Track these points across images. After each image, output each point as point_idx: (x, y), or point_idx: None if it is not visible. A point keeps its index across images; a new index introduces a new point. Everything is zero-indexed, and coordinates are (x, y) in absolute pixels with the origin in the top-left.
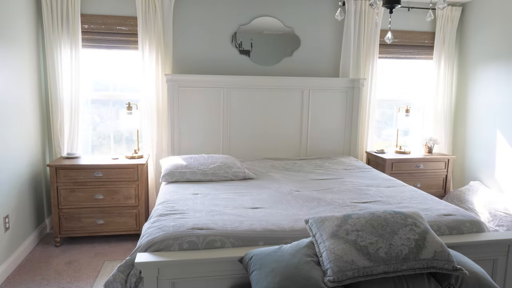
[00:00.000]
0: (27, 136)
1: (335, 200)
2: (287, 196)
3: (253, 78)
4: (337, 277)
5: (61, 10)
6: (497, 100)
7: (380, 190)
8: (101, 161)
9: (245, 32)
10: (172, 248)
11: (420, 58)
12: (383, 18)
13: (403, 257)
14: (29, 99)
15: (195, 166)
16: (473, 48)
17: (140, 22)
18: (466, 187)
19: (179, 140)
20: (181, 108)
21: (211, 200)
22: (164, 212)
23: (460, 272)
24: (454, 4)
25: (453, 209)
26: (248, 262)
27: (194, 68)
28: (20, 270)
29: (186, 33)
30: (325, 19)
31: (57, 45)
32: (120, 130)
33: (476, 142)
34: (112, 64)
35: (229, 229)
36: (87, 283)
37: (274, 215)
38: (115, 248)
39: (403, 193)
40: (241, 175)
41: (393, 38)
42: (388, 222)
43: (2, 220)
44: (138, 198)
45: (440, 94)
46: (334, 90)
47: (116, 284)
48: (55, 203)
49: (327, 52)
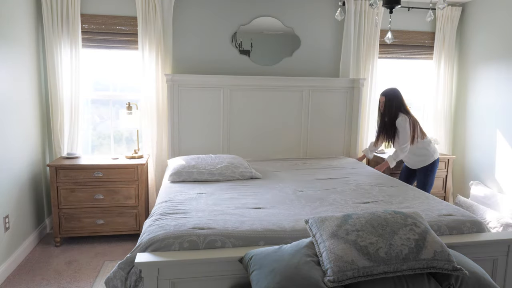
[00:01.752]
0: (27, 136)
1: (337, 200)
2: (290, 196)
3: (253, 78)
4: (337, 277)
5: (61, 10)
6: (497, 100)
7: (383, 190)
8: (101, 161)
9: (245, 32)
10: (172, 247)
11: (420, 58)
12: (383, 18)
13: (403, 257)
14: (29, 99)
15: (202, 166)
16: (473, 48)
17: (140, 22)
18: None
19: (179, 140)
20: (181, 108)
21: (215, 200)
22: (166, 211)
23: (460, 272)
24: (454, 4)
25: (454, 209)
26: (248, 262)
27: (194, 68)
28: (20, 270)
29: (186, 33)
30: (325, 19)
31: (57, 45)
32: (120, 130)
33: (476, 142)
34: (112, 64)
35: (230, 229)
36: (87, 283)
37: (275, 215)
38: (115, 248)
39: (406, 192)
40: (248, 175)
41: (393, 38)
42: (388, 222)
43: (2, 220)
44: (138, 198)
45: (440, 94)
46: (334, 90)
47: (116, 281)
48: (55, 203)
49: (327, 52)
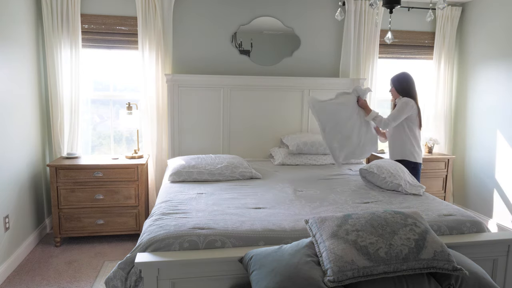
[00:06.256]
0: (27, 136)
1: (337, 200)
2: (290, 196)
3: (253, 78)
4: (337, 277)
5: (61, 10)
6: (497, 100)
7: (383, 190)
8: (101, 161)
9: (245, 32)
10: (172, 247)
11: (420, 58)
12: (383, 18)
13: (403, 257)
14: (29, 99)
15: (202, 166)
16: (473, 48)
17: (140, 22)
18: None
19: (179, 140)
20: (181, 108)
21: (215, 200)
22: (166, 211)
23: (460, 272)
24: (454, 4)
25: (454, 209)
26: (248, 262)
27: (194, 68)
28: (20, 270)
29: (186, 33)
30: (325, 19)
31: (57, 45)
32: (120, 130)
33: (476, 142)
34: (112, 64)
35: (230, 229)
36: (87, 283)
37: (275, 215)
38: (115, 248)
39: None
40: (248, 175)
41: (393, 38)
42: (388, 222)
43: (2, 220)
44: (138, 198)
45: (440, 94)
46: (334, 90)
47: (116, 281)
48: (55, 203)
49: (327, 52)
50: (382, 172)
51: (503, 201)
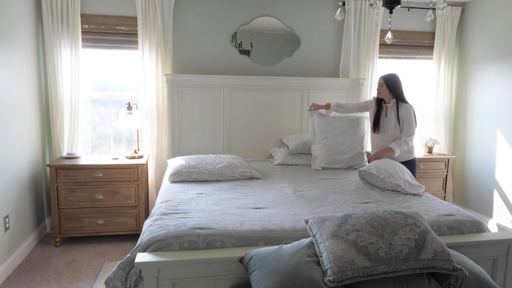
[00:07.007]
0: (27, 136)
1: (337, 200)
2: (290, 196)
3: (253, 78)
4: (337, 277)
5: (61, 10)
6: (497, 100)
7: (383, 190)
8: (101, 161)
9: (245, 32)
10: (172, 247)
11: (420, 58)
12: (383, 18)
13: (403, 257)
14: (29, 99)
15: (202, 166)
16: (473, 48)
17: (140, 22)
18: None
19: (179, 140)
20: (181, 108)
21: (215, 200)
22: (166, 211)
23: (460, 272)
24: (454, 4)
25: (454, 209)
26: (248, 262)
27: (194, 68)
28: (20, 270)
29: (186, 33)
30: (325, 19)
31: (57, 45)
32: (120, 130)
33: (476, 142)
34: (112, 64)
35: (230, 229)
36: (87, 283)
37: (275, 215)
38: (115, 248)
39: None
40: (248, 175)
41: (393, 38)
42: (388, 222)
43: (2, 220)
44: (138, 198)
45: (440, 94)
46: (334, 90)
47: (116, 281)
48: (55, 203)
49: (327, 52)
50: (381, 173)
51: (503, 201)
